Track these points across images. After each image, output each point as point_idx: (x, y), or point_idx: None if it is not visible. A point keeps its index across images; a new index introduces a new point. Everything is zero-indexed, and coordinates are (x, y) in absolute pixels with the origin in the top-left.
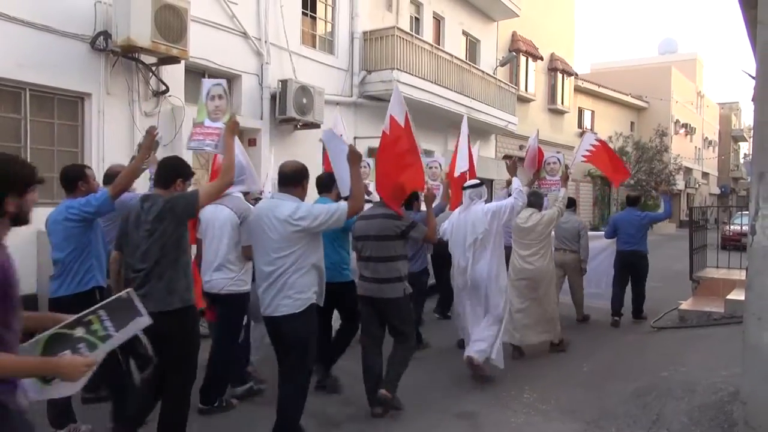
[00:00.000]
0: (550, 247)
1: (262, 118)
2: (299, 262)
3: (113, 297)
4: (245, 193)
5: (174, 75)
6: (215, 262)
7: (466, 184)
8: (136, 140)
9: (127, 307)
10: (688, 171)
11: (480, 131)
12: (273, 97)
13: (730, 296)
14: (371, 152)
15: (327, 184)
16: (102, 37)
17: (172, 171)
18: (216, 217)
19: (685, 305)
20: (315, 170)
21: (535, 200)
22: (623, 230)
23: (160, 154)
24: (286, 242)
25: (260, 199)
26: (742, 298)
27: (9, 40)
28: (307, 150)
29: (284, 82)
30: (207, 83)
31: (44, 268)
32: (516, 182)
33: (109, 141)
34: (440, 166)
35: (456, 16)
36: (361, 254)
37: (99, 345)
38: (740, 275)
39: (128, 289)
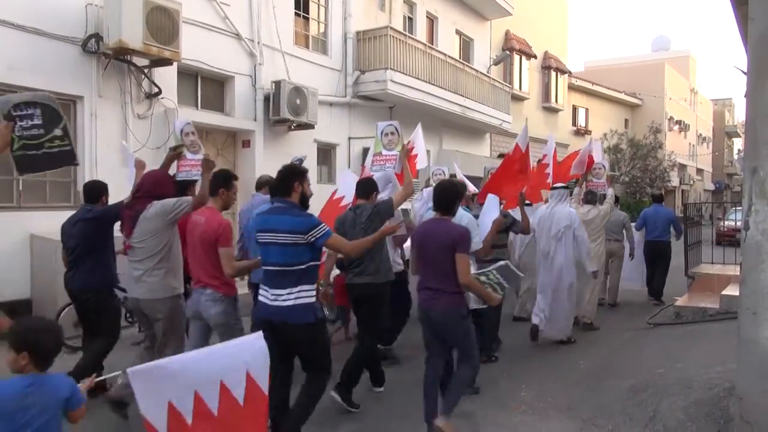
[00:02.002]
0: (603, 236)
1: (255, 120)
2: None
3: (499, 264)
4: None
5: (166, 77)
6: None
7: (555, 185)
8: (130, 143)
9: (508, 269)
10: (683, 167)
11: (474, 130)
12: (266, 99)
13: (725, 292)
14: (365, 152)
15: (368, 190)
16: (93, 40)
17: (372, 187)
18: None
19: (680, 301)
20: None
21: (591, 198)
22: (651, 223)
23: (148, 156)
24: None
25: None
26: (737, 293)
27: (0, 43)
28: (300, 151)
29: (277, 83)
30: (381, 125)
31: (38, 273)
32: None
33: (101, 144)
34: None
35: (449, 15)
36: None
37: (498, 288)
38: (735, 271)
39: (506, 261)
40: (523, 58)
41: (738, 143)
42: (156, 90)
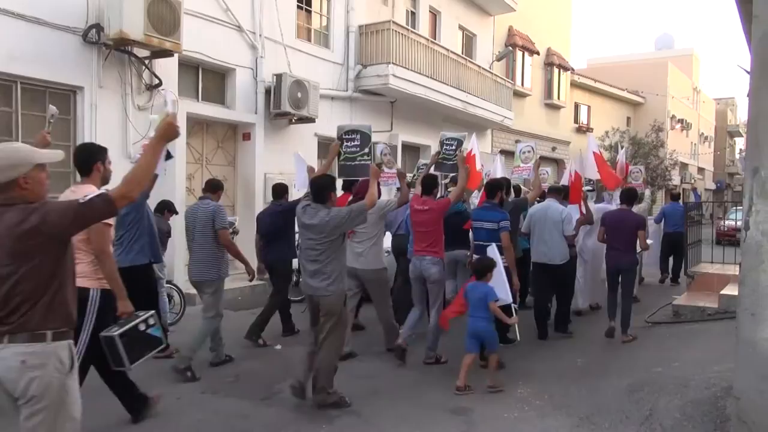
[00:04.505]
0: None
1: (256, 113)
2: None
3: None
4: None
5: (167, 68)
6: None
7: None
8: (130, 134)
9: None
10: (684, 166)
11: (476, 126)
12: (267, 92)
13: (724, 291)
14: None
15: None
16: (94, 30)
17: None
18: None
19: (679, 300)
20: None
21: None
22: (669, 217)
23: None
24: (559, 225)
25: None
26: (736, 293)
27: (0, 32)
28: (301, 145)
29: (279, 76)
30: (519, 145)
31: None
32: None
33: (101, 135)
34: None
35: (452, 10)
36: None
37: None
38: (734, 270)
39: None
40: (526, 54)
41: (740, 143)
42: (156, 81)
